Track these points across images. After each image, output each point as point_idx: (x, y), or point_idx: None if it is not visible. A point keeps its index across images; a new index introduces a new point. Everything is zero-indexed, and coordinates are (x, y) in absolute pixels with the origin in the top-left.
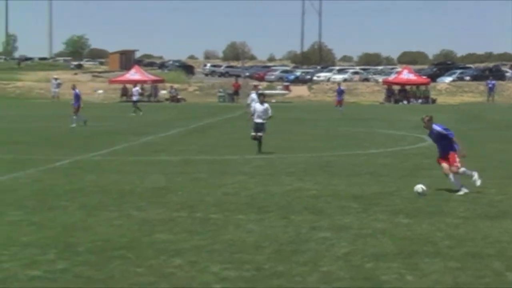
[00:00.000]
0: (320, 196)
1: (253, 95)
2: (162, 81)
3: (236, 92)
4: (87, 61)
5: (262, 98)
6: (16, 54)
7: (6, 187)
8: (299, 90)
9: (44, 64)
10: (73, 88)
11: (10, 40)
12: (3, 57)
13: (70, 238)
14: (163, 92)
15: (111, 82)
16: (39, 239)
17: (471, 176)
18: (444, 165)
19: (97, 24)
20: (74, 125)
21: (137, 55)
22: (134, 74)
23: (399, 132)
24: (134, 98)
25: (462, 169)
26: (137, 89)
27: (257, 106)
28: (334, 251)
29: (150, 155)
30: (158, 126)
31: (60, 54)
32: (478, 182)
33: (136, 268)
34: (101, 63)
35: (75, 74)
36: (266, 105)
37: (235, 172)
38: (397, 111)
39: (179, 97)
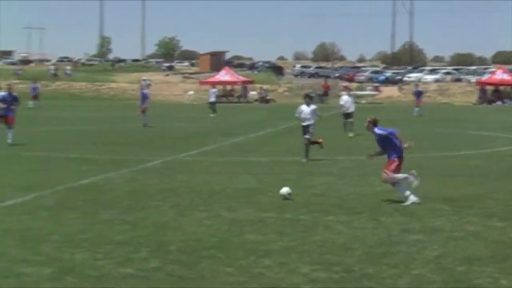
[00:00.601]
0: None
1: (345, 97)
2: (251, 82)
3: (325, 93)
4: (178, 62)
5: (308, 99)
6: (110, 56)
7: (100, 187)
8: (389, 91)
9: (137, 65)
10: (141, 88)
11: (105, 43)
12: (98, 59)
13: (162, 237)
14: (253, 93)
15: (202, 83)
16: (132, 237)
17: (407, 179)
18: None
19: (188, 26)
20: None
21: (227, 56)
22: (224, 75)
23: (492, 134)
24: (211, 100)
25: (392, 176)
26: (214, 90)
27: (304, 108)
28: (425, 254)
29: (240, 155)
30: (248, 127)
31: (152, 56)
32: (415, 183)
33: (226, 267)
34: (192, 65)
35: (167, 75)
36: (313, 106)
37: (324, 173)
38: (490, 112)
39: (268, 98)
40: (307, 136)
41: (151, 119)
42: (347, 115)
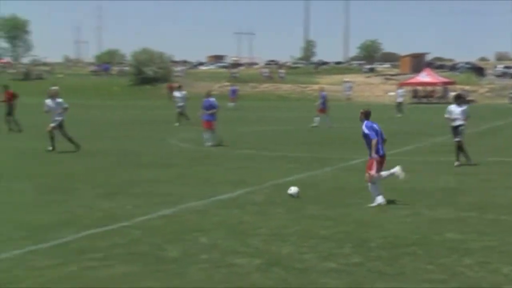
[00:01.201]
0: None
1: None
2: (452, 83)
3: None
4: (379, 64)
5: (460, 99)
6: (314, 59)
7: (306, 184)
8: None
9: (339, 68)
10: (321, 90)
11: (309, 46)
12: (303, 61)
13: (363, 234)
14: (453, 93)
15: (402, 84)
16: (335, 233)
17: (393, 174)
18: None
19: (389, 28)
20: (315, 124)
21: (428, 58)
22: (425, 76)
23: None
24: (399, 100)
25: (376, 175)
26: (401, 91)
27: (454, 109)
28: None
29: (439, 156)
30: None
31: (354, 58)
32: (402, 173)
33: (426, 265)
34: (393, 66)
35: (368, 77)
36: (464, 107)
37: None
38: None
39: (469, 98)
40: (457, 139)
41: (350, 119)
42: None
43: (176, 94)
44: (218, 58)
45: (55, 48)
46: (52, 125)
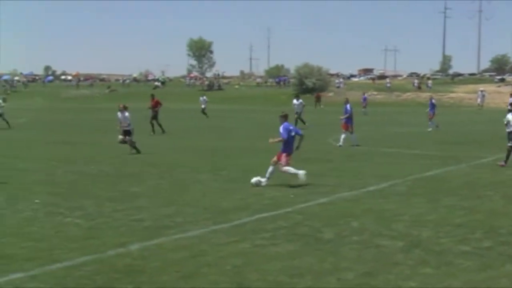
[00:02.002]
0: None
1: None
2: None
3: None
4: (509, 75)
5: None
6: (450, 71)
7: (441, 178)
8: None
9: (473, 78)
10: (431, 98)
11: (446, 60)
12: (440, 73)
13: (493, 222)
14: None
15: None
16: (469, 221)
17: (296, 174)
18: (275, 159)
19: None
20: (430, 129)
21: None
22: None
23: None
24: None
25: (285, 168)
26: None
27: (509, 117)
28: None
29: None
30: None
31: (486, 70)
32: (303, 178)
33: None
34: None
35: (498, 86)
36: None
37: None
38: None
39: None
40: (510, 144)
41: (482, 123)
42: None
43: (294, 102)
44: (367, 71)
45: (233, 64)
46: (128, 137)
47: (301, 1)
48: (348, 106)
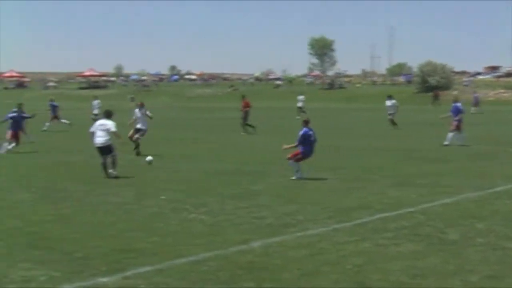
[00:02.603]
0: None
1: None
2: None
3: None
4: None
5: None
6: None
7: None
8: None
9: None
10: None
11: None
12: None
13: None
14: None
15: None
16: None
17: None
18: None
19: None
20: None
21: None
22: None
23: None
24: None
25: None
26: None
27: None
28: None
29: None
30: None
31: None
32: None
33: None
34: None
35: None
36: None
37: None
38: None
39: None
40: None
41: None
42: None
43: (387, 102)
44: (493, 69)
45: (354, 63)
46: (137, 135)
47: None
48: (458, 104)
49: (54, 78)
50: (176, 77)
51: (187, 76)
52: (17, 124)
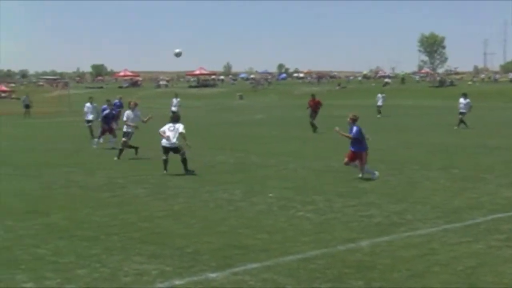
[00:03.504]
0: None
1: None
2: None
3: None
4: None
5: None
6: None
7: None
8: None
9: None
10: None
11: None
12: None
13: None
14: None
15: None
16: None
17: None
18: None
19: None
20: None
21: None
22: None
23: None
24: None
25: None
26: None
27: None
28: None
29: None
30: None
31: None
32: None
33: None
34: None
35: None
36: None
37: None
38: None
39: None
40: None
41: None
42: None
43: (461, 100)
44: None
45: (466, 59)
46: (124, 139)
47: None
48: None
49: (166, 77)
50: (284, 75)
51: (295, 74)
52: (109, 120)
